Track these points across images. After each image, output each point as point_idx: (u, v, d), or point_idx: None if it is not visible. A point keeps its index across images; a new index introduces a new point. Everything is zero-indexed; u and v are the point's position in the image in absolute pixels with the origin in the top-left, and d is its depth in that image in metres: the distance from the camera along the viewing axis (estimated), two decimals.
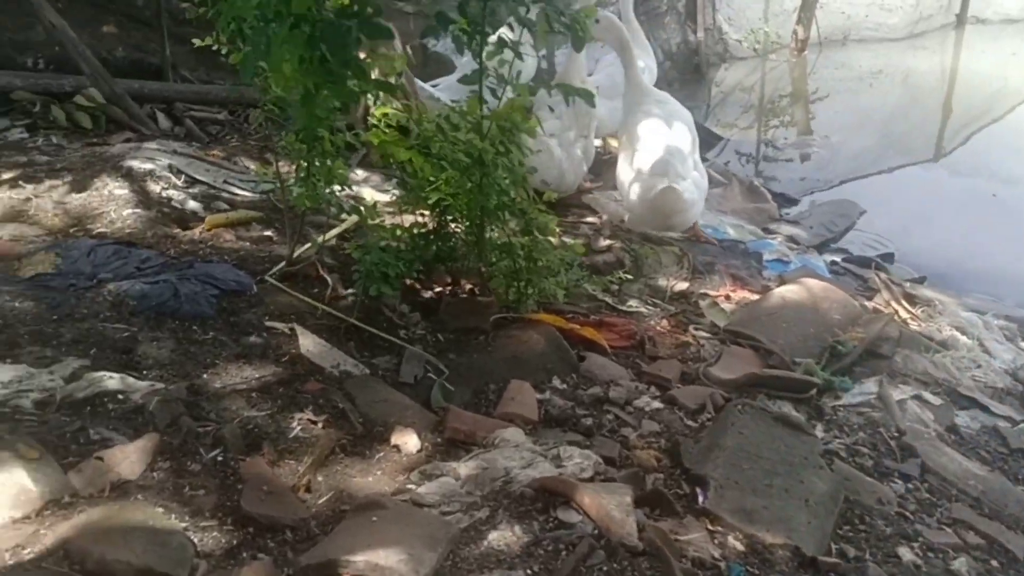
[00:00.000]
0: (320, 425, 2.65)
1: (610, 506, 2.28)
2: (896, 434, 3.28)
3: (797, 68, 8.01)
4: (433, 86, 5.54)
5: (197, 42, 3.50)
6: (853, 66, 8.22)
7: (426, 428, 2.74)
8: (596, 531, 2.24)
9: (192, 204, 4.15)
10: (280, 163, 3.67)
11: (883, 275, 4.95)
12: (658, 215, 4.49)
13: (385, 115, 3.24)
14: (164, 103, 5.92)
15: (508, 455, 2.63)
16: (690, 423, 3.09)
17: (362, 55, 3.00)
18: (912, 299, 4.69)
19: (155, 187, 4.19)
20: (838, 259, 5.35)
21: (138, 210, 3.97)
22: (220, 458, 2.41)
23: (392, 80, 3.08)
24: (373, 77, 2.86)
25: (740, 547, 2.43)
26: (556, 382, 3.21)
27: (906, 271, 5.36)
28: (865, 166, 7.26)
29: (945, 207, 6.64)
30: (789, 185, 6.75)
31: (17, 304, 2.98)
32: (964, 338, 4.18)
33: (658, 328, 3.81)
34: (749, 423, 2.95)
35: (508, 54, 3.01)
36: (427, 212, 3.59)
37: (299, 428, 2.61)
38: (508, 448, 2.69)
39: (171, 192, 4.20)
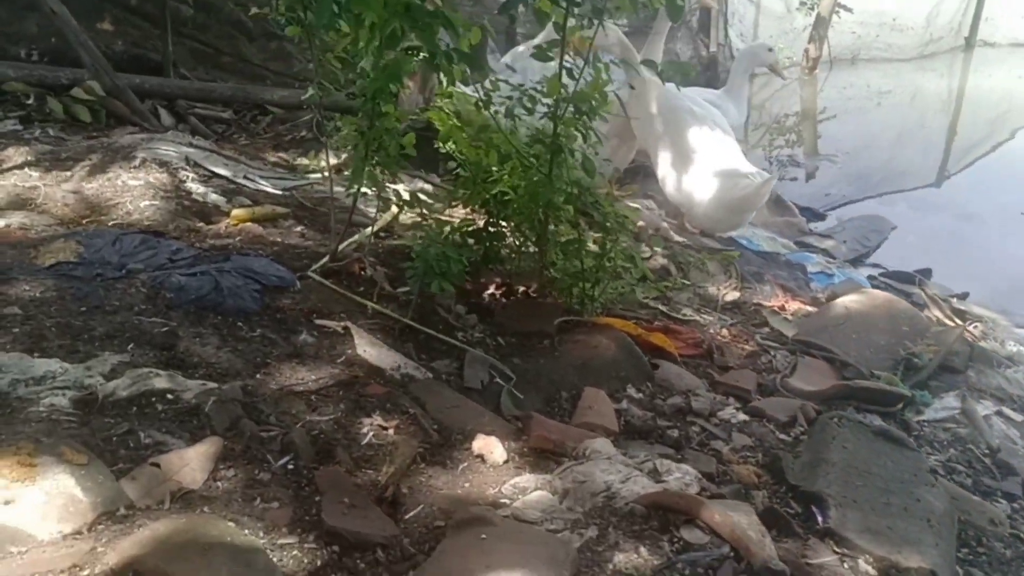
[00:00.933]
0: (392, 431, 2.35)
1: (744, 525, 2.01)
2: (988, 451, 3.07)
3: (807, 86, 7.90)
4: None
5: (255, 9, 3.21)
6: (862, 85, 8.13)
7: (507, 437, 2.45)
8: (732, 553, 1.96)
9: (214, 197, 3.83)
10: (320, 155, 3.38)
11: (928, 290, 4.77)
12: (736, 213, 4.40)
13: (450, 96, 2.95)
14: (166, 100, 5.57)
15: (604, 468, 2.34)
16: (783, 437, 2.84)
17: None
18: (962, 314, 4.50)
19: (172, 179, 3.87)
20: (875, 273, 5.16)
21: (156, 202, 3.65)
22: (291, 466, 2.09)
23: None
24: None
25: (872, 571, 2.17)
26: (631, 391, 2.94)
27: (944, 288, 5.19)
28: (872, 186, 7.14)
29: (960, 227, 6.52)
30: (806, 201, 6.58)
31: (39, 294, 2.64)
32: None
33: (721, 337, 3.56)
34: (851, 437, 2.70)
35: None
36: (478, 208, 3.32)
37: (371, 434, 2.30)
38: (601, 460, 2.40)
39: (190, 185, 3.88)
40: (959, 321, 4.35)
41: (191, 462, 1.99)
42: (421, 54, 2.68)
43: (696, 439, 2.73)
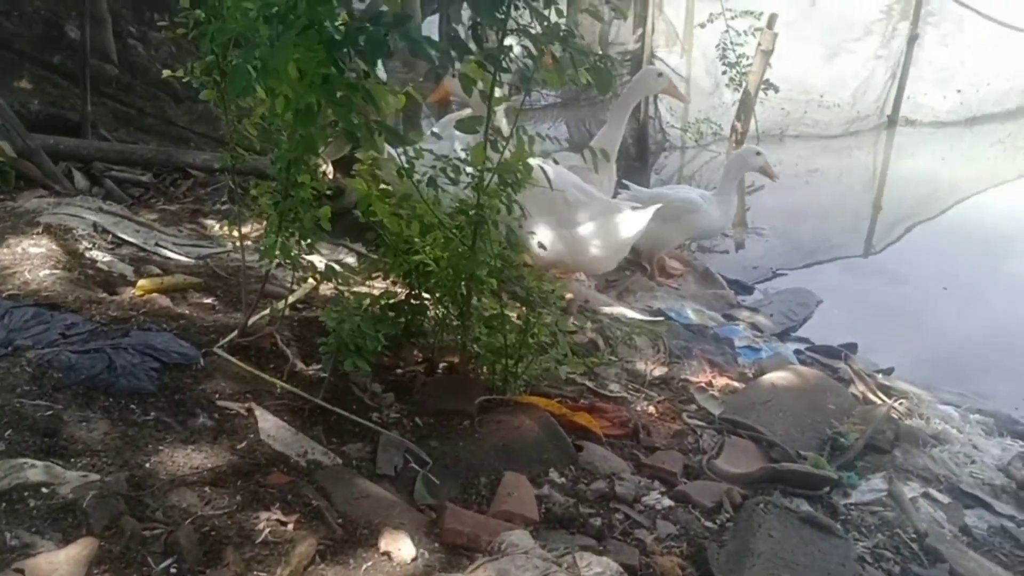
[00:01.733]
0: (291, 527, 2.17)
1: None
2: (916, 536, 3.01)
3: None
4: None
5: (167, 73, 3.09)
6: (790, 161, 8.32)
7: (418, 530, 2.29)
8: None
9: (120, 266, 3.64)
10: (233, 224, 3.23)
11: (854, 365, 4.77)
12: (618, 249, 4.48)
13: (372, 162, 2.85)
14: (82, 161, 5.38)
15: (520, 564, 2.20)
16: (709, 524, 2.74)
17: None
18: (887, 390, 4.50)
19: (77, 247, 3.68)
20: (802, 348, 5.17)
21: (56, 271, 3.44)
22: (174, 570, 1.91)
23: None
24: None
25: None
26: (554, 475, 2.82)
27: (870, 363, 5.21)
28: (800, 258, 7.23)
29: (886, 302, 6.62)
30: (734, 274, 6.61)
31: None
32: (955, 431, 4.00)
33: (648, 415, 3.48)
34: (777, 525, 2.62)
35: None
36: (400, 280, 3.21)
37: (267, 531, 2.13)
38: (518, 555, 2.26)
39: (96, 253, 3.69)
40: (884, 397, 4.35)
41: (60, 567, 1.80)
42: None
43: (619, 527, 2.61)
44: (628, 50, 8.32)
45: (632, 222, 4.42)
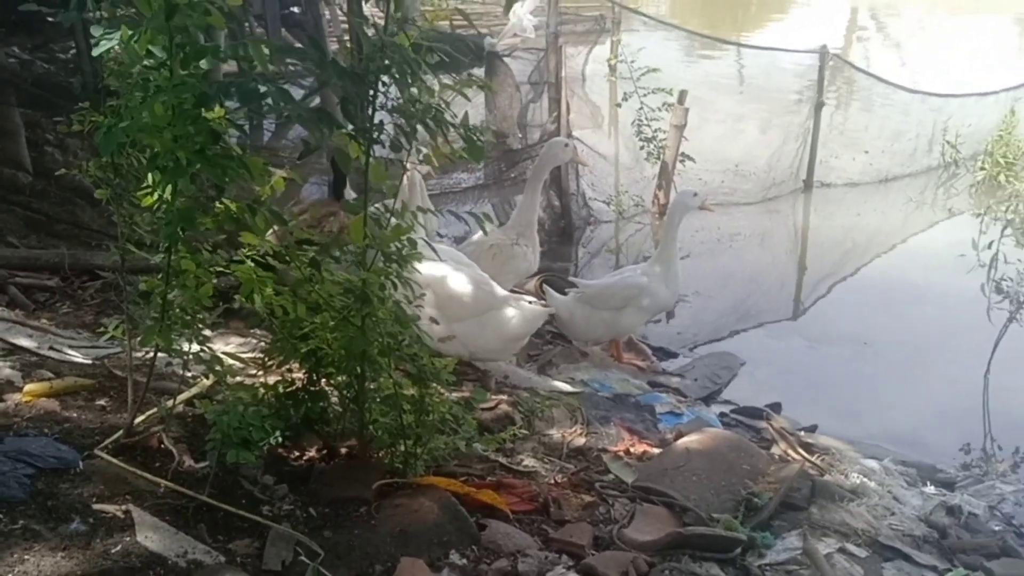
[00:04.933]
0: None
1: None
2: None
3: (659, 231, 8.19)
4: None
5: (62, 171, 3.10)
6: (711, 229, 8.49)
7: None
8: None
9: (8, 372, 3.52)
10: (126, 317, 3.15)
11: (776, 424, 4.78)
12: (513, 341, 4.58)
13: (253, 245, 2.81)
14: None
15: None
16: None
17: None
18: (809, 448, 4.50)
19: None
20: (727, 411, 5.16)
21: None
22: None
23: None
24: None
25: None
26: (455, 557, 2.73)
27: (794, 421, 5.22)
28: (729, 323, 7.31)
29: (813, 360, 6.70)
30: (660, 341, 6.64)
31: None
32: (873, 484, 3.99)
33: (561, 488, 3.41)
34: None
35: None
36: (296, 366, 3.14)
37: None
38: None
39: None
40: (806, 454, 4.34)
41: None
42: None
43: None
44: (547, 130, 8.51)
45: (527, 318, 4.51)
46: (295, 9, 10.62)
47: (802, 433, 4.79)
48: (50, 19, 7.74)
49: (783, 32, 19.21)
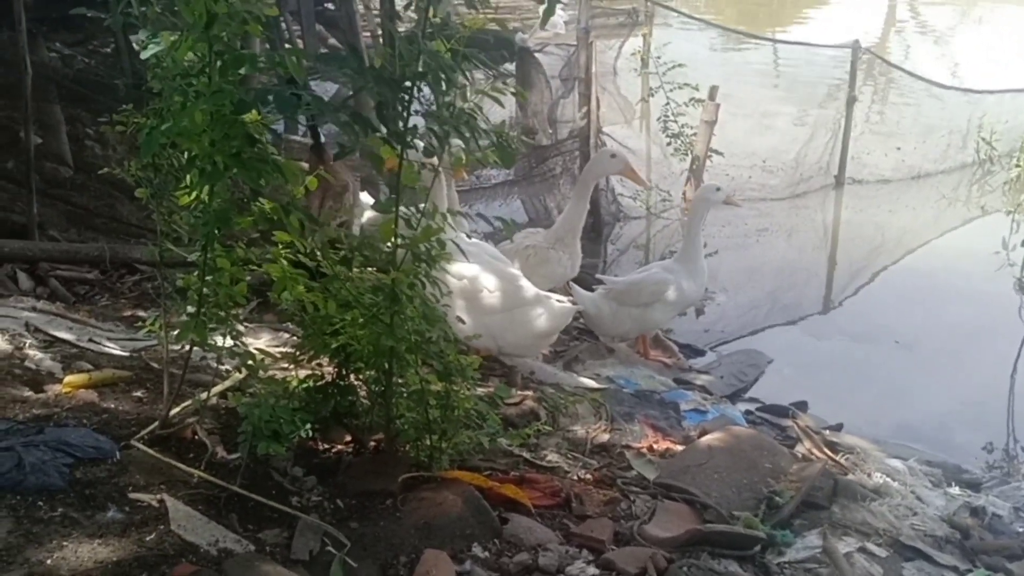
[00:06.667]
0: None
1: None
2: None
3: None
4: None
5: (104, 170, 3.20)
6: (739, 224, 8.48)
7: None
8: None
9: (49, 363, 3.64)
10: (163, 311, 3.25)
11: (801, 423, 4.79)
12: (542, 338, 4.63)
13: (288, 243, 2.90)
14: (27, 263, 5.41)
15: None
16: None
17: None
18: (834, 447, 4.51)
19: (6, 347, 3.68)
20: (752, 408, 5.18)
21: None
22: None
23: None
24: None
25: None
26: (477, 549, 2.80)
27: (820, 419, 5.22)
28: (758, 319, 7.29)
29: (841, 357, 6.67)
30: (687, 338, 6.66)
31: None
32: (896, 484, 3.99)
33: (583, 484, 3.46)
34: None
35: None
36: (326, 361, 3.22)
37: None
38: None
39: (27, 351, 3.69)
40: (830, 453, 4.35)
41: None
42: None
43: None
44: (577, 126, 8.53)
45: (555, 315, 4.55)
46: (329, 5, 10.74)
47: (827, 432, 4.79)
48: (89, 15, 7.93)
49: (820, 25, 18.93)
